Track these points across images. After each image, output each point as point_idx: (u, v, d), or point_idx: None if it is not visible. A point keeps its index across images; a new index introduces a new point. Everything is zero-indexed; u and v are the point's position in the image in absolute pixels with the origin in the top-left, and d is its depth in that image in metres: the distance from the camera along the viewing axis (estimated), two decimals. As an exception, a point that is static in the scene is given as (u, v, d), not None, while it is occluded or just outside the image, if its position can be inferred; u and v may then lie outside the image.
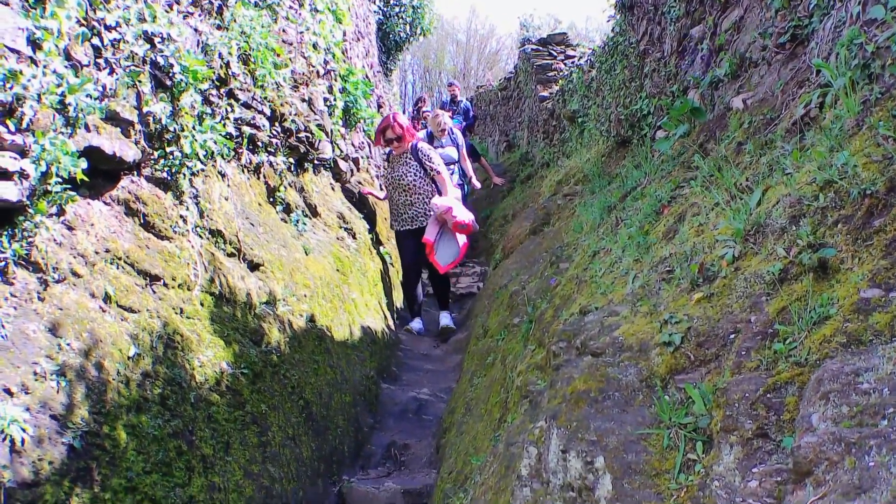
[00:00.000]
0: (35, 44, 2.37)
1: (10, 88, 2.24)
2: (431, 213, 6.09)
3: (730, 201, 2.37)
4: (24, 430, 2.03)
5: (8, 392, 2.07)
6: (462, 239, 6.19)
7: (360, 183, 6.78)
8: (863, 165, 1.92)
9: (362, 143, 7.35)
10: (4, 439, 1.99)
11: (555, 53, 11.25)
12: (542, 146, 10.38)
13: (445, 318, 6.54)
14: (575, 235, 4.32)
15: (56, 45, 2.45)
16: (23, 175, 2.31)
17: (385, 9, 11.36)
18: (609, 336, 2.11)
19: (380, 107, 8.87)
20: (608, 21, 6.58)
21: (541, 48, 11.51)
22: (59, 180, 2.44)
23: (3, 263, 2.28)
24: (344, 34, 6.60)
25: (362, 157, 7.29)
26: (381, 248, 6.99)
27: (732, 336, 1.82)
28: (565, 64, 10.81)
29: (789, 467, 1.24)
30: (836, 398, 1.20)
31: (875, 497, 1.03)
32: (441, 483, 3.33)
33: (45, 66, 2.39)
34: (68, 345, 2.32)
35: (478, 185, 8.68)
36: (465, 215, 6.09)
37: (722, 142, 3.25)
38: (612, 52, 6.54)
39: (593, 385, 1.93)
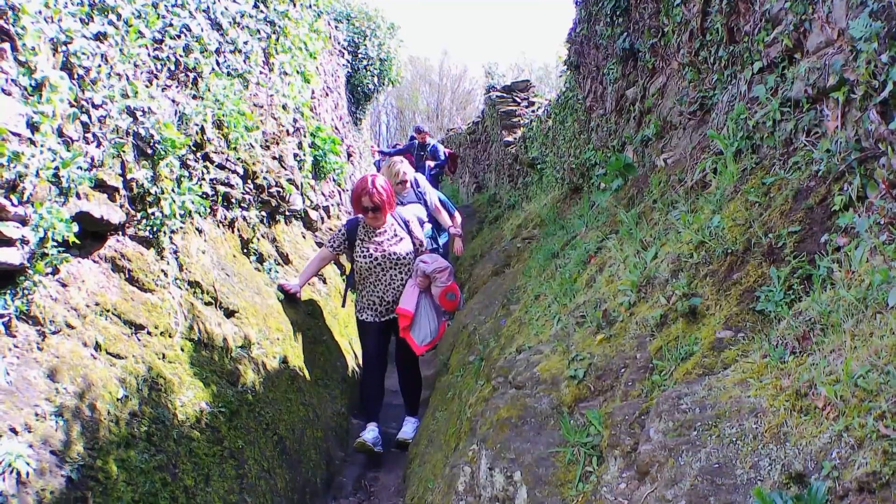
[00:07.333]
0: (33, 126, 2.73)
1: (14, 167, 2.59)
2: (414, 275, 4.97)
3: (636, 255, 2.80)
4: (28, 464, 2.35)
5: (13, 431, 2.39)
6: (441, 315, 5.06)
7: (330, 230, 7.14)
8: (729, 228, 2.35)
9: (332, 191, 7.75)
10: (11, 472, 2.31)
11: (518, 100, 11.83)
12: (508, 188, 10.87)
13: (409, 426, 5.19)
14: (525, 279, 4.74)
15: (51, 126, 2.82)
16: (24, 241, 2.66)
17: (354, 62, 11.90)
18: (530, 371, 2.51)
19: (349, 156, 9.31)
20: (559, 77, 7.11)
21: (505, 95, 12.10)
22: (55, 244, 2.80)
23: (7, 319, 2.62)
24: (312, 92, 7.05)
25: (333, 206, 7.69)
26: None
27: (623, 370, 2.23)
28: (528, 110, 11.36)
29: (636, 470, 1.63)
30: (666, 416, 1.59)
31: (683, 485, 1.42)
32: (403, 509, 3.66)
33: (42, 145, 2.76)
34: (65, 388, 2.65)
35: (459, 231, 6.79)
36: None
37: (645, 198, 3.70)
38: (563, 105, 7.05)
39: (514, 413, 2.32)
